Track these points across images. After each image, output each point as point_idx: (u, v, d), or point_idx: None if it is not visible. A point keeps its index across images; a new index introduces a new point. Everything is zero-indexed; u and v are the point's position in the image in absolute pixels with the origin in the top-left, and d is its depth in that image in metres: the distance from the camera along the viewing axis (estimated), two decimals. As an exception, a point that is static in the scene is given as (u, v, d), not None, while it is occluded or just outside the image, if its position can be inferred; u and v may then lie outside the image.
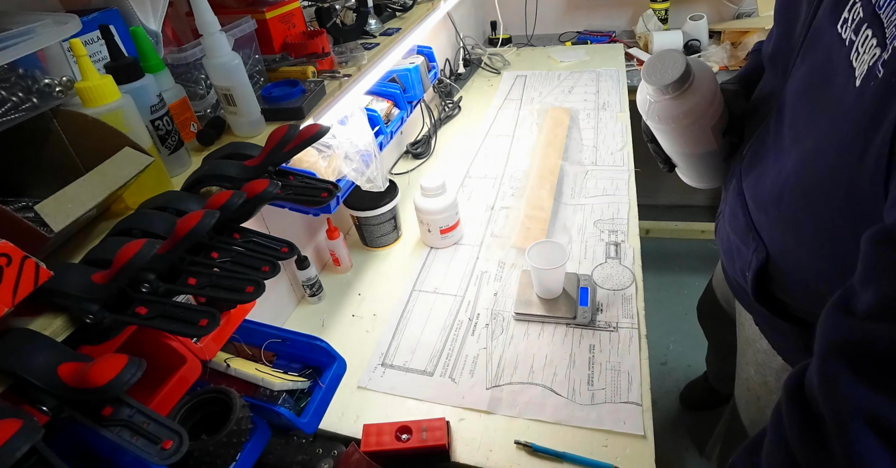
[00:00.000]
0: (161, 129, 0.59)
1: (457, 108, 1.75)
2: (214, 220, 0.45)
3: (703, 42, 1.92)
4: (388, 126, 1.09)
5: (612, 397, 0.80)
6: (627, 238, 1.11)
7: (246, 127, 0.70)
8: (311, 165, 0.86)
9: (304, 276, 1.02)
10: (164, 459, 0.40)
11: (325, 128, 0.62)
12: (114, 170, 0.47)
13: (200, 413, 0.61)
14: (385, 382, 0.88)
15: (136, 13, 0.62)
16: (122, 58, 0.55)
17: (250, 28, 0.75)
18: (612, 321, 0.93)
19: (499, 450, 0.75)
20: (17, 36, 0.44)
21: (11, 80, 0.48)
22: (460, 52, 1.98)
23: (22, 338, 0.39)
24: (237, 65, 0.65)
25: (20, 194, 0.52)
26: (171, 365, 0.54)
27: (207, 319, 0.44)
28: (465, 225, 1.21)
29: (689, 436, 1.64)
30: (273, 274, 0.51)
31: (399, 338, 0.96)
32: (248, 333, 0.75)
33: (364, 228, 1.16)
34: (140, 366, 0.38)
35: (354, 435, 0.79)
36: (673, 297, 2.14)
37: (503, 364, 0.88)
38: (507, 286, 1.03)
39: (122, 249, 0.40)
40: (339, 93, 0.83)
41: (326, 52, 0.86)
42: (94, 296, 0.41)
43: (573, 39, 2.20)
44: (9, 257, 0.35)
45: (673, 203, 2.63)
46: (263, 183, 0.53)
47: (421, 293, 1.05)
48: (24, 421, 0.33)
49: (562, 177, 1.31)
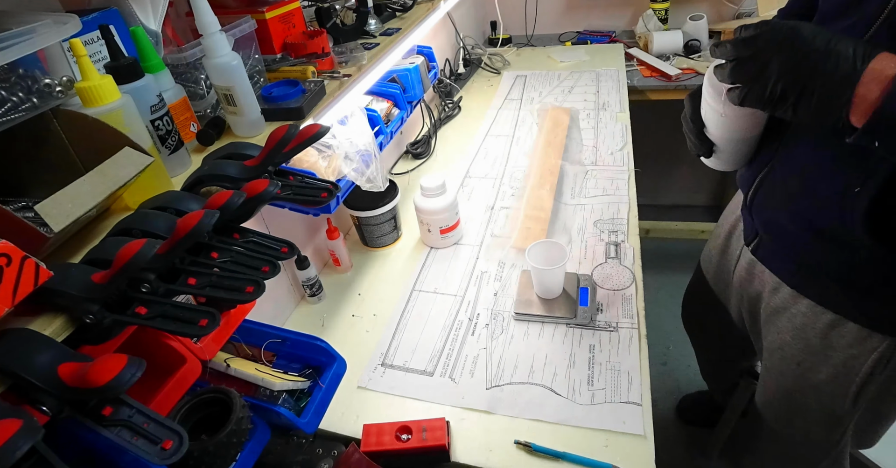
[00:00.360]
0: (161, 129, 0.59)
1: (457, 108, 1.75)
2: (214, 219, 0.45)
3: (703, 42, 1.92)
4: (388, 126, 1.09)
5: (612, 397, 0.80)
6: (627, 238, 1.11)
7: (246, 127, 0.70)
8: (311, 165, 0.86)
9: (304, 276, 1.02)
10: (164, 459, 0.40)
11: (325, 128, 0.62)
12: (114, 170, 0.47)
13: (200, 413, 0.61)
14: (385, 382, 0.88)
15: (136, 13, 0.62)
16: (122, 58, 0.55)
17: (250, 28, 0.75)
18: (612, 321, 0.93)
19: (499, 450, 0.75)
20: (17, 36, 0.44)
21: (11, 80, 0.48)
22: (460, 52, 1.98)
23: (22, 338, 0.39)
24: (237, 65, 0.65)
25: (20, 194, 0.52)
26: (171, 365, 0.54)
27: (207, 319, 0.44)
28: (465, 225, 1.21)
29: (689, 436, 1.64)
30: (273, 274, 0.51)
31: (399, 338, 0.96)
32: (248, 333, 0.75)
33: (364, 228, 1.16)
34: (140, 366, 0.38)
35: (354, 435, 0.79)
36: (673, 297, 2.13)
37: (503, 364, 0.88)
38: (507, 286, 1.03)
39: (122, 249, 0.40)
40: (339, 93, 0.83)
41: (326, 52, 0.86)
42: (94, 296, 0.41)
43: (573, 39, 2.20)
44: (9, 257, 0.35)
45: (673, 203, 2.63)
46: (263, 183, 0.53)
47: (421, 293, 1.05)
48: (24, 421, 0.33)
49: (562, 177, 1.31)
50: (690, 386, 1.79)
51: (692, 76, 1.80)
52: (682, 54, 1.93)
